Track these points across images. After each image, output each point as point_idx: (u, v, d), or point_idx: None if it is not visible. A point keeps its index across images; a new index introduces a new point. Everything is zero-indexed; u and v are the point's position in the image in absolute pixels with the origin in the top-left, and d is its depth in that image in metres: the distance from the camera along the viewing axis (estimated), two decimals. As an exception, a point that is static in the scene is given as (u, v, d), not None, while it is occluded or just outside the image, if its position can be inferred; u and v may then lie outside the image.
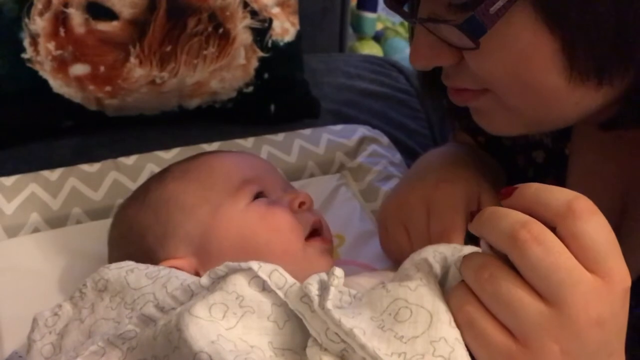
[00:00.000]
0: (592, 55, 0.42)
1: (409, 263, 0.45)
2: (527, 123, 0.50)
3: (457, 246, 0.46)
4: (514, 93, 0.47)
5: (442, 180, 0.58)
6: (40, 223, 0.70)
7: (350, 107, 1.00)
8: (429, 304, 0.41)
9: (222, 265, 0.45)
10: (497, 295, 0.39)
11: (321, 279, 0.44)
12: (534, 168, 0.64)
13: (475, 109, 0.52)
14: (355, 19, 1.57)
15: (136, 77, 0.86)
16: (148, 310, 0.46)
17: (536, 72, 0.44)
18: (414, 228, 0.57)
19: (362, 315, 0.42)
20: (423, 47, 0.47)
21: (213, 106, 0.94)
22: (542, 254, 0.38)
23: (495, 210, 0.41)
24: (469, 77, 0.48)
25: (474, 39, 0.43)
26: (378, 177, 0.78)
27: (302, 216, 0.59)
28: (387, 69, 1.12)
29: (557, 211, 0.39)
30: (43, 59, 0.84)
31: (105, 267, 0.52)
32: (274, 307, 0.44)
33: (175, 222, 0.57)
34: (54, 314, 0.51)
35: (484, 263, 0.40)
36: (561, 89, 0.44)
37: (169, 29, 0.85)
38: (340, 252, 0.70)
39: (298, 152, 0.81)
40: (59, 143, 0.88)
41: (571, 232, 0.38)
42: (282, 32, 0.93)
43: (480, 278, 0.40)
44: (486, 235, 0.41)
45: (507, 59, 0.44)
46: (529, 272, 0.38)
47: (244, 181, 0.59)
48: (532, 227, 0.38)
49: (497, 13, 0.41)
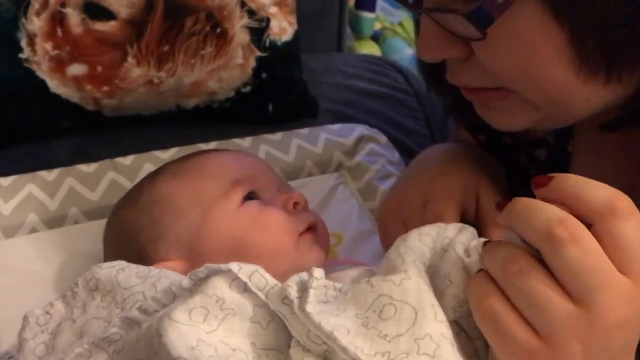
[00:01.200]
0: (601, 49, 0.42)
1: (395, 252, 0.45)
2: (538, 118, 0.49)
3: (441, 225, 0.46)
4: (526, 87, 0.46)
5: (439, 174, 0.58)
6: (38, 223, 0.70)
7: (348, 107, 1.00)
8: (413, 299, 0.41)
9: (203, 267, 0.45)
10: (525, 291, 0.38)
11: (301, 280, 0.43)
12: (536, 166, 0.64)
13: (486, 106, 0.51)
14: (354, 19, 1.57)
15: (134, 77, 0.86)
16: (132, 312, 0.46)
17: (545, 64, 0.43)
18: (411, 222, 0.57)
19: (346, 312, 0.41)
20: (431, 39, 0.47)
21: (211, 106, 0.93)
22: (578, 254, 0.36)
23: (530, 202, 0.39)
24: (476, 73, 0.47)
25: (481, 29, 0.42)
26: (376, 175, 0.78)
27: (298, 216, 0.58)
28: (386, 68, 1.11)
29: (597, 208, 0.37)
30: (40, 59, 0.83)
31: (97, 266, 0.52)
32: (256, 308, 0.44)
33: (166, 223, 0.57)
34: (46, 312, 0.51)
35: (513, 256, 0.39)
36: (570, 82, 0.43)
37: (166, 28, 0.85)
38: (338, 250, 0.69)
39: (296, 152, 0.81)
40: (56, 143, 0.87)
41: (610, 231, 0.37)
42: (280, 31, 0.93)
43: (508, 271, 0.38)
44: (518, 228, 0.39)
45: (514, 50, 0.43)
46: (561, 271, 0.37)
47: (235, 181, 0.59)
48: (569, 225, 0.37)
49: (505, 3, 0.41)
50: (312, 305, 0.41)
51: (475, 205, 0.58)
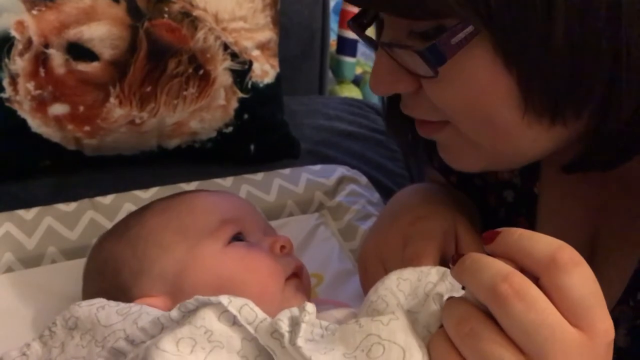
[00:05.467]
0: (547, 95, 0.43)
1: (374, 295, 0.45)
2: (487, 158, 0.50)
3: (423, 269, 0.46)
4: (471, 125, 0.47)
5: (418, 217, 0.59)
6: (14, 262, 0.69)
7: (329, 148, 1.01)
8: (401, 339, 0.41)
9: (193, 299, 0.45)
10: (478, 351, 0.37)
11: (292, 315, 0.43)
12: (505, 208, 0.65)
13: (440, 144, 0.52)
14: (335, 63, 1.60)
15: (116, 117, 0.86)
16: (118, 343, 0.45)
17: (492, 105, 0.44)
18: (391, 264, 0.57)
19: (334, 350, 0.41)
20: (383, 73, 0.48)
21: (193, 146, 0.94)
22: (523, 309, 0.36)
23: (477, 259, 0.39)
24: (427, 108, 0.48)
25: (433, 67, 0.43)
26: (357, 216, 0.78)
27: (284, 260, 0.58)
28: (366, 111, 1.13)
29: (540, 262, 0.37)
30: (22, 98, 0.84)
31: (76, 305, 0.51)
32: (244, 342, 0.44)
33: (151, 258, 0.57)
34: (22, 353, 0.50)
35: (465, 316, 0.39)
36: (516, 124, 0.44)
37: (149, 70, 0.86)
38: (318, 291, 0.69)
39: (277, 191, 0.81)
40: (36, 182, 0.87)
41: (554, 284, 0.37)
42: (262, 74, 0.95)
43: (461, 332, 0.38)
44: (467, 284, 0.39)
45: (464, 90, 0.44)
46: (510, 328, 0.37)
47: (223, 221, 0.59)
48: (513, 281, 0.37)
49: (458, 44, 0.42)
50: (303, 340, 0.41)
51: (455, 247, 0.59)
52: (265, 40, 0.94)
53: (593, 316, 0.37)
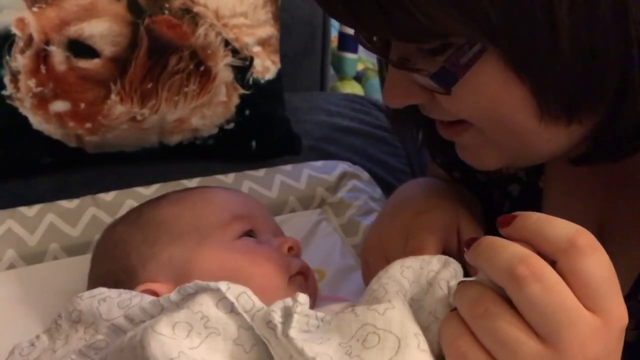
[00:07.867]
0: (561, 99, 0.43)
1: (376, 283, 0.45)
2: (508, 157, 0.50)
3: (424, 258, 0.46)
4: (490, 129, 0.47)
5: (420, 211, 0.59)
6: (17, 259, 0.69)
7: (331, 144, 1.01)
8: (396, 328, 0.41)
9: (192, 283, 0.45)
10: (492, 332, 0.37)
11: (285, 306, 0.43)
12: (510, 201, 0.65)
13: (459, 144, 0.52)
14: (337, 60, 1.60)
15: (117, 114, 0.86)
16: (118, 320, 0.46)
17: (508, 114, 0.45)
18: (393, 257, 0.57)
19: (330, 340, 0.41)
20: (396, 87, 0.48)
21: (194, 142, 0.94)
22: (540, 292, 0.36)
23: (493, 241, 0.39)
24: (444, 110, 0.49)
25: (445, 87, 0.44)
26: (358, 211, 0.78)
27: (290, 260, 0.59)
28: (367, 107, 1.13)
29: (558, 245, 0.37)
30: (23, 95, 0.84)
31: (78, 297, 0.52)
32: (240, 330, 0.44)
33: (161, 244, 0.57)
34: (31, 344, 0.51)
35: (479, 296, 0.39)
36: (534, 128, 0.45)
37: (150, 66, 0.86)
38: (320, 286, 0.69)
39: (279, 188, 0.82)
40: (37, 180, 0.87)
41: (572, 268, 0.37)
42: (263, 70, 0.94)
43: (475, 312, 0.38)
44: (483, 267, 0.39)
45: (478, 102, 0.45)
46: (526, 310, 0.37)
47: (236, 217, 0.60)
48: (531, 263, 0.37)
49: (468, 63, 0.42)
50: (296, 331, 0.41)
51: (457, 240, 0.59)
52: (266, 37, 0.94)
53: (609, 301, 0.37)
